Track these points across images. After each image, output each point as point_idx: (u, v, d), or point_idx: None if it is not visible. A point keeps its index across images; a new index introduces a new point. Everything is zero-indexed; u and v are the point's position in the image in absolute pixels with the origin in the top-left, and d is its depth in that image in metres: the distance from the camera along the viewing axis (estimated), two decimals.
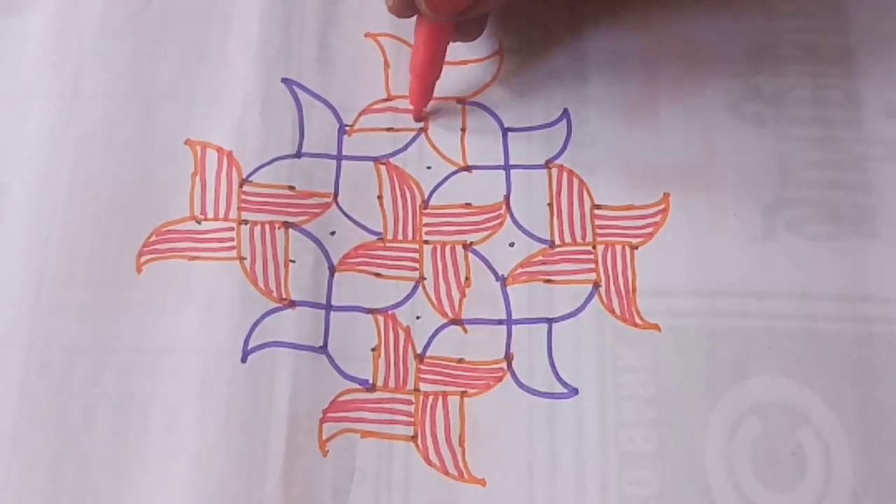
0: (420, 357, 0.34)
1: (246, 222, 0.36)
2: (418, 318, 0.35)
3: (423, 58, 0.35)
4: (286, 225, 0.36)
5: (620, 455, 0.33)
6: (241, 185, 0.36)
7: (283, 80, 0.38)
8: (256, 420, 0.33)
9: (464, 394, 0.34)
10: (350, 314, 0.35)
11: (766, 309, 0.34)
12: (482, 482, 0.33)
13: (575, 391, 0.34)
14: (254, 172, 0.36)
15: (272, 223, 0.36)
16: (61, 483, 0.32)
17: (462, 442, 0.33)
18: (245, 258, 0.35)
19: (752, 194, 0.36)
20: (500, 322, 0.35)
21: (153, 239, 0.35)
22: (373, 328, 0.35)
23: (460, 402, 0.34)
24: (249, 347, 0.34)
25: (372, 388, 0.34)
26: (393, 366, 0.34)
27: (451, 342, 0.35)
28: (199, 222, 0.36)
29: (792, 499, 0.32)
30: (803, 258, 0.35)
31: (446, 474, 0.33)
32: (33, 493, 0.32)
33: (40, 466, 0.33)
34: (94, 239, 0.35)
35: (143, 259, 0.35)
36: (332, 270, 0.35)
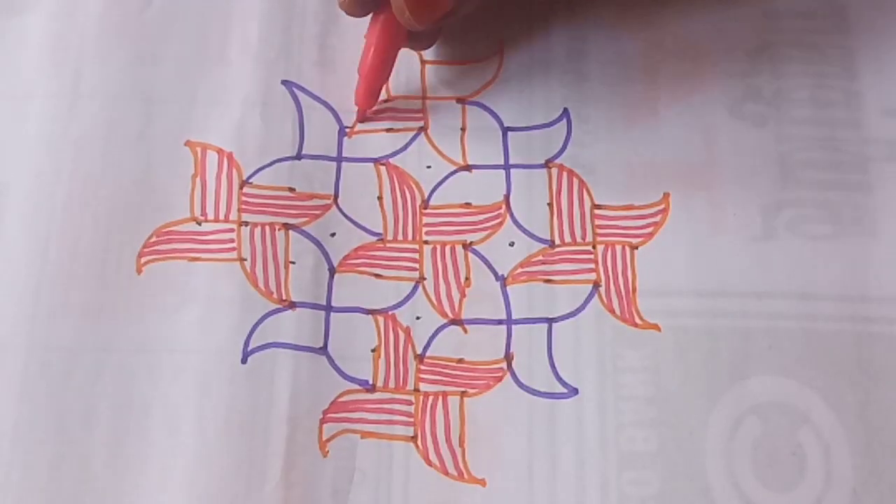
0: (420, 357, 0.34)
1: (246, 224, 0.36)
2: (418, 318, 0.35)
3: (372, 61, 0.35)
4: (286, 226, 0.36)
5: (620, 455, 0.33)
6: (241, 187, 0.36)
7: (284, 82, 0.38)
8: (256, 420, 0.33)
9: (464, 394, 0.34)
10: (350, 315, 0.35)
11: (766, 309, 0.34)
12: (482, 482, 0.33)
13: (575, 391, 0.34)
14: (254, 174, 0.36)
15: (272, 224, 0.36)
16: (61, 483, 0.32)
17: (462, 442, 0.33)
18: (245, 259, 0.35)
19: (752, 194, 0.36)
20: (500, 322, 0.35)
21: (153, 240, 0.35)
22: (373, 329, 0.35)
23: (460, 402, 0.34)
24: (249, 348, 0.34)
25: (372, 388, 0.34)
26: (393, 366, 0.34)
27: (451, 342, 0.35)
28: (199, 223, 0.36)
29: (792, 499, 0.32)
30: (803, 258, 0.35)
31: (446, 474, 0.33)
32: (33, 493, 0.32)
33: (40, 466, 0.32)
34: (94, 239, 0.35)
35: (143, 260, 0.35)
36: (332, 271, 0.35)
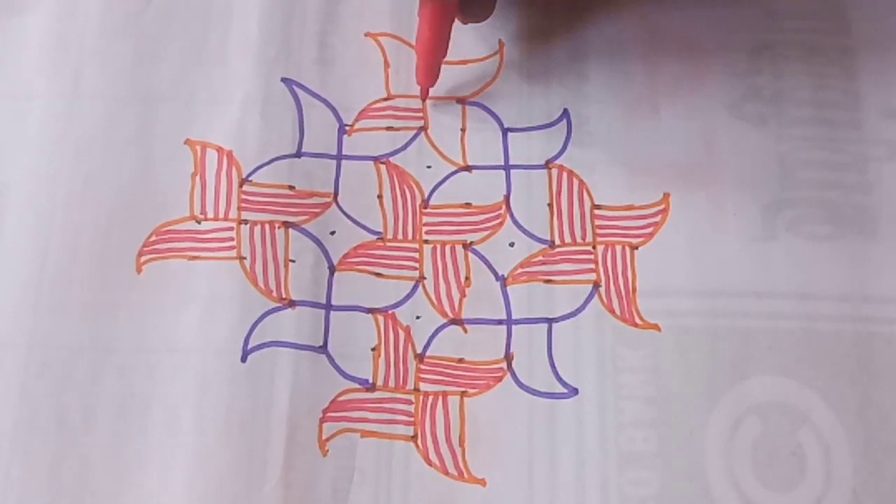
0: (420, 357, 0.34)
1: (246, 222, 0.36)
2: (418, 317, 0.35)
3: (427, 37, 0.35)
4: (286, 224, 0.36)
5: (620, 455, 0.33)
6: (241, 185, 0.36)
7: (283, 80, 0.38)
8: (256, 420, 0.33)
9: (464, 394, 0.34)
10: (350, 314, 0.35)
11: (767, 309, 0.34)
12: (482, 482, 0.33)
13: (575, 391, 0.34)
14: (254, 172, 0.36)
15: (272, 223, 0.36)
16: (61, 483, 0.32)
17: (462, 442, 0.33)
18: (245, 258, 0.35)
19: (752, 194, 0.36)
20: (500, 322, 0.35)
21: (153, 239, 0.35)
22: (373, 328, 0.35)
23: (460, 402, 0.34)
24: (249, 347, 0.34)
25: (372, 387, 0.34)
26: (393, 366, 0.34)
27: (451, 342, 0.35)
28: (198, 222, 0.36)
29: (792, 499, 0.32)
30: (803, 258, 0.35)
31: (446, 474, 0.33)
32: (33, 493, 0.32)
33: (40, 466, 0.32)
34: (94, 239, 0.35)
35: (143, 259, 0.35)
36: (332, 270, 0.35)
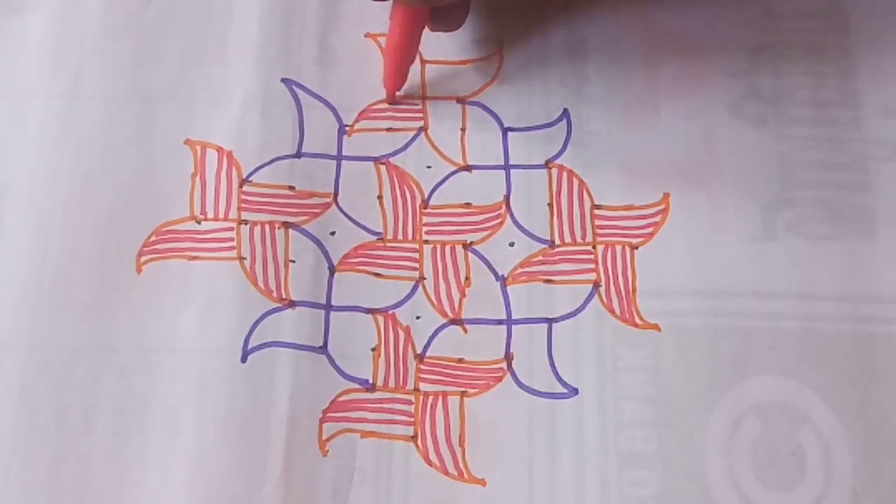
0: (420, 357, 0.34)
1: (246, 222, 0.36)
2: (418, 317, 0.35)
3: (396, 41, 0.35)
4: (286, 225, 0.36)
5: (620, 455, 0.33)
6: (240, 185, 0.36)
7: (283, 80, 0.38)
8: (256, 420, 0.33)
9: (464, 394, 0.34)
10: (350, 314, 0.35)
11: (766, 309, 0.34)
12: (482, 482, 0.33)
13: (575, 391, 0.34)
14: (254, 172, 0.36)
15: (272, 223, 0.36)
16: (61, 483, 0.32)
17: (462, 442, 0.33)
18: (245, 258, 0.35)
19: (752, 194, 0.36)
20: (500, 322, 0.35)
21: (153, 239, 0.35)
22: (373, 328, 0.35)
23: (460, 402, 0.34)
24: (249, 347, 0.34)
25: (372, 388, 0.34)
26: (393, 366, 0.34)
27: (451, 342, 0.35)
28: (198, 222, 0.36)
29: (792, 499, 0.32)
30: (803, 258, 0.35)
31: (446, 474, 0.33)
32: (33, 493, 0.32)
33: (40, 466, 0.33)
34: (94, 239, 0.35)
35: (143, 259, 0.35)
36: (332, 270, 0.35)
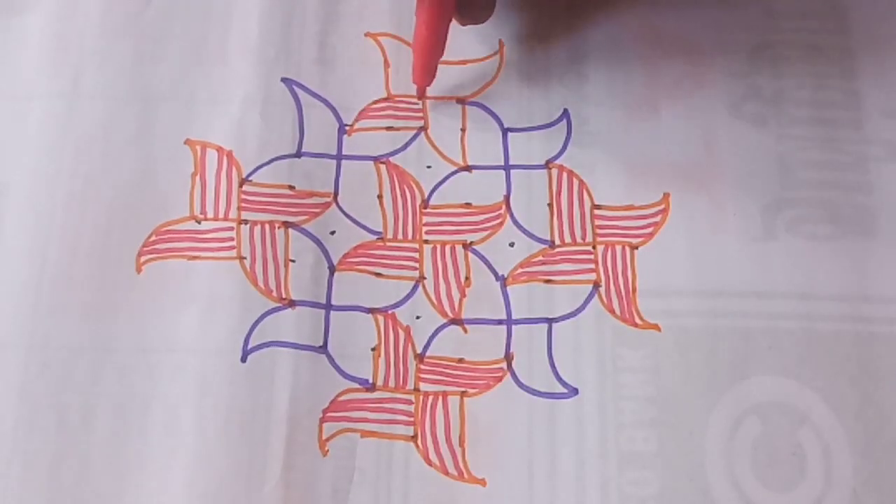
0: (420, 357, 0.34)
1: (246, 222, 0.36)
2: (418, 317, 0.35)
3: (424, 37, 0.35)
4: (286, 224, 0.36)
5: (620, 455, 0.33)
6: (240, 185, 0.36)
7: (283, 80, 0.38)
8: (256, 420, 0.33)
9: (464, 394, 0.34)
10: (350, 314, 0.35)
11: (766, 309, 0.34)
12: (482, 482, 0.33)
13: (575, 391, 0.34)
14: (254, 172, 0.36)
15: (272, 223, 0.36)
16: (61, 483, 0.32)
17: (462, 442, 0.33)
18: (245, 258, 0.35)
19: (752, 194, 0.36)
20: (500, 322, 0.35)
21: (153, 239, 0.35)
22: (373, 328, 0.35)
23: (460, 402, 0.34)
24: (249, 347, 0.34)
25: (372, 387, 0.34)
26: (393, 366, 0.34)
27: (451, 342, 0.35)
28: (198, 222, 0.36)
29: (792, 499, 0.32)
30: (803, 258, 0.35)
31: (446, 474, 0.33)
32: (33, 492, 0.32)
33: (40, 466, 0.33)
34: (94, 239, 0.35)
35: (142, 259, 0.35)
36: (332, 270, 0.35)
